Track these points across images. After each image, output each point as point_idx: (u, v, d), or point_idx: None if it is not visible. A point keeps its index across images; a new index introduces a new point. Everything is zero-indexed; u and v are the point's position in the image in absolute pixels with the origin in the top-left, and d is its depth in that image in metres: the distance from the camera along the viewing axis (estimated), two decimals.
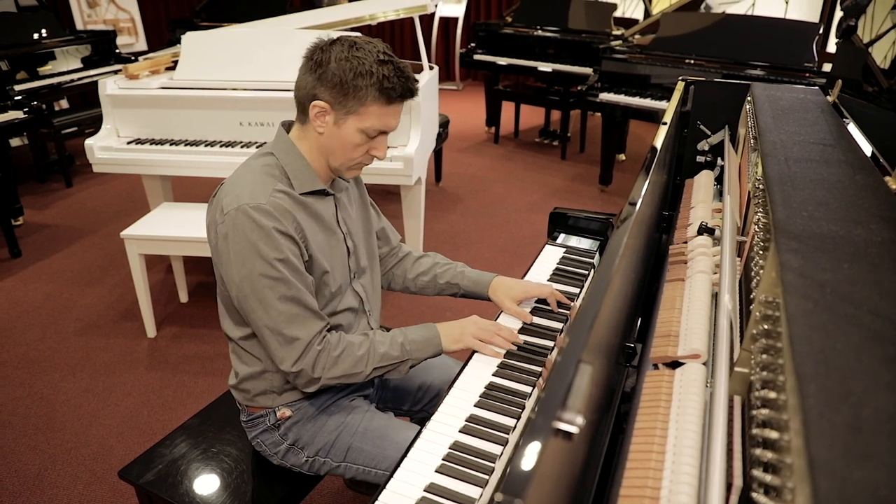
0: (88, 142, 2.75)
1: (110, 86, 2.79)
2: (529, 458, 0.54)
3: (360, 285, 1.40)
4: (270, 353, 1.21)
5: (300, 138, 1.25)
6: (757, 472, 0.56)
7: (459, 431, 1.09)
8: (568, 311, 1.44)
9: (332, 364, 1.21)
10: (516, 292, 1.43)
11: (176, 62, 3.01)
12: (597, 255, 1.70)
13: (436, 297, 1.55)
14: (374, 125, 1.18)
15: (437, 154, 4.35)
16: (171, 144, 2.79)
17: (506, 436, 1.08)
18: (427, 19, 6.94)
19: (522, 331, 1.37)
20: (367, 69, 1.13)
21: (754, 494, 0.55)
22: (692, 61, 3.71)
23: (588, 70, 4.51)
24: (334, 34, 1.20)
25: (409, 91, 1.19)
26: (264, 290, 1.15)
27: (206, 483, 1.34)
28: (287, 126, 1.29)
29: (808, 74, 3.40)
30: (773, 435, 0.55)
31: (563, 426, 0.58)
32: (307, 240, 1.22)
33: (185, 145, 2.78)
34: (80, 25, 5.80)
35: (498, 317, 1.43)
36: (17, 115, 3.66)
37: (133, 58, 4.73)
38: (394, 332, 1.30)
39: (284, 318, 1.17)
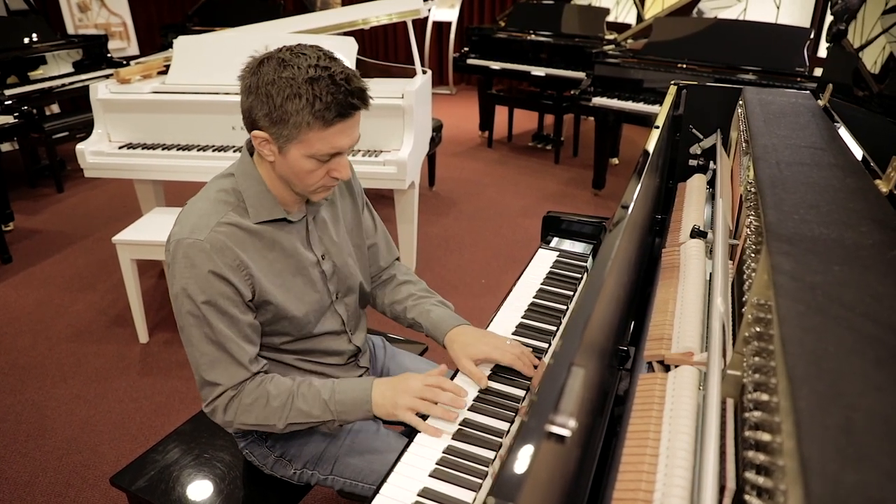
0: (80, 146, 2.74)
1: (102, 90, 2.77)
2: (521, 461, 0.54)
3: (343, 305, 1.33)
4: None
5: (261, 162, 1.16)
6: (750, 475, 0.56)
7: (453, 437, 1.09)
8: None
9: (244, 411, 1.15)
10: (475, 351, 1.22)
11: (168, 66, 3.00)
12: (590, 259, 1.70)
13: None
14: (321, 150, 1.06)
15: (431, 158, 4.35)
16: (163, 149, 2.77)
17: (499, 440, 1.08)
18: (420, 23, 6.94)
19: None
20: (296, 91, 1.00)
21: (747, 497, 0.55)
22: (684, 66, 3.73)
23: (581, 74, 4.53)
24: (272, 47, 1.09)
25: (349, 106, 1.04)
26: (191, 328, 1.12)
27: (199, 489, 1.33)
28: (251, 145, 1.17)
29: (799, 79, 3.42)
30: (766, 437, 0.55)
31: (555, 429, 0.58)
32: (253, 277, 1.13)
33: (178, 150, 2.77)
34: (71, 30, 5.77)
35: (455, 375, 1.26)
36: (8, 119, 3.64)
37: (125, 62, 4.72)
38: (324, 385, 1.18)
39: (206, 361, 1.13)
